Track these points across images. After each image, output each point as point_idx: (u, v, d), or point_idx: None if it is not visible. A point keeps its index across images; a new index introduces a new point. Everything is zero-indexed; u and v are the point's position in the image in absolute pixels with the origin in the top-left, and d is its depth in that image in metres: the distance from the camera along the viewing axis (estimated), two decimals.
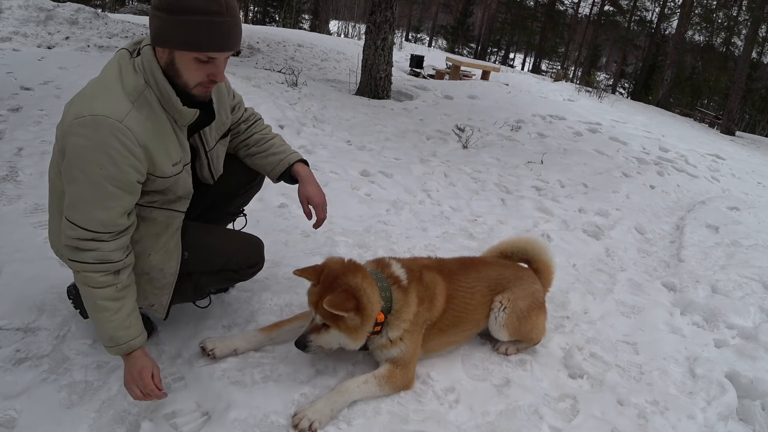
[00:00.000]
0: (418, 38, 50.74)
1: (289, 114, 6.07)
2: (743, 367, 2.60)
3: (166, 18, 1.59)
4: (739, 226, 4.73)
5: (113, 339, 1.74)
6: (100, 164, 1.58)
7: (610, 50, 49.03)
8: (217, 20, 1.60)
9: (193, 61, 1.66)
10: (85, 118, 1.56)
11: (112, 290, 1.71)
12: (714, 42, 28.92)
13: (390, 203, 4.22)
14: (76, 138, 1.58)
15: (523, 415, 2.12)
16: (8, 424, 1.74)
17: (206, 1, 1.58)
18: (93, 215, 1.62)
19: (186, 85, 1.71)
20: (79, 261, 1.67)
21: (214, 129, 2.04)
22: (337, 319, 1.94)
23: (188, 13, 1.57)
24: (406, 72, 16.97)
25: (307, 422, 1.85)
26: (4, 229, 2.88)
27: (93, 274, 1.68)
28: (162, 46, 1.66)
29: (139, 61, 1.69)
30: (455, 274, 2.35)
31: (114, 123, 1.57)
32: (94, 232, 1.64)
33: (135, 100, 1.65)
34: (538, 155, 6.26)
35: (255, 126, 2.31)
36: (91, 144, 1.57)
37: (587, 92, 15.86)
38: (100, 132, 1.56)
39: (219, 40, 1.64)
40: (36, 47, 8.11)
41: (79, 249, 1.66)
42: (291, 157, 2.26)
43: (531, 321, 2.40)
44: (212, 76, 1.71)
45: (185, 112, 1.75)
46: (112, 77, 1.67)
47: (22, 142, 4.14)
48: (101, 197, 1.61)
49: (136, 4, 22.71)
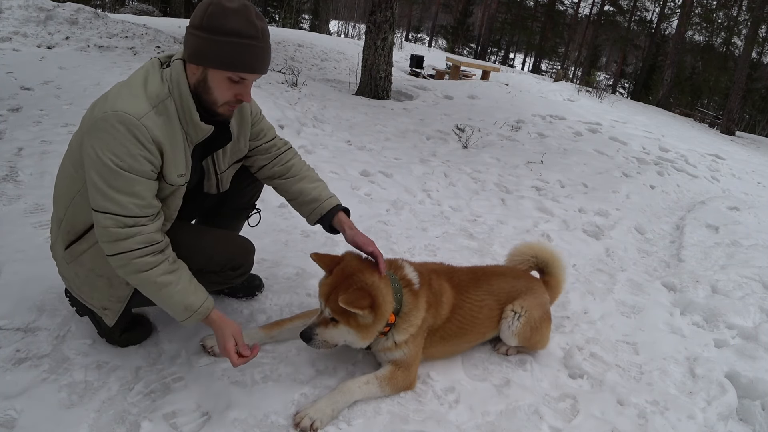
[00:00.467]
0: (418, 38, 50.75)
1: (289, 114, 6.07)
2: (743, 367, 2.60)
3: (205, 37, 1.69)
4: (739, 226, 4.73)
5: (188, 307, 1.80)
6: (118, 156, 1.65)
7: (610, 50, 49.03)
8: (253, 44, 1.70)
9: (226, 80, 1.75)
10: (107, 113, 1.65)
11: (166, 265, 1.77)
12: (714, 42, 28.91)
13: (390, 203, 4.22)
14: (97, 132, 1.66)
15: (523, 415, 2.12)
16: (8, 424, 1.74)
17: (245, 26, 1.68)
18: (125, 201, 1.68)
19: (214, 102, 1.80)
20: (124, 251, 1.70)
21: (228, 154, 2.08)
22: (348, 315, 1.92)
23: (227, 35, 1.67)
24: (406, 72, 16.97)
25: (308, 421, 1.85)
26: (4, 229, 2.88)
27: (142, 259, 1.72)
28: (197, 64, 1.74)
29: (168, 72, 1.78)
30: (465, 285, 2.32)
31: (132, 119, 1.65)
32: (133, 217, 1.70)
33: (155, 105, 1.73)
34: (538, 155, 6.26)
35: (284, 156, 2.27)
36: (110, 137, 1.64)
37: (587, 92, 15.86)
38: (118, 126, 1.64)
39: (252, 63, 1.73)
40: (36, 47, 8.10)
41: (120, 239, 1.69)
42: (329, 201, 2.22)
43: (541, 332, 2.40)
44: (239, 96, 1.80)
45: (202, 127, 1.83)
46: (137, 82, 1.75)
47: (22, 142, 4.14)
48: (126, 184, 1.67)
49: (136, 4, 22.71)
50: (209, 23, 1.67)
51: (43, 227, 2.94)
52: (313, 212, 2.21)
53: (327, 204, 2.21)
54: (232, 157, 2.12)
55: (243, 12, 1.68)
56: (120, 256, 1.71)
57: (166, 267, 1.77)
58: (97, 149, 1.65)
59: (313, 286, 2.79)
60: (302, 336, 2.00)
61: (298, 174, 2.26)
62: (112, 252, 1.72)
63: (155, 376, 2.03)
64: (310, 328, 1.99)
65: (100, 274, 1.89)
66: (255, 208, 2.50)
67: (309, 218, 2.25)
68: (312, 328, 1.99)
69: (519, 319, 2.35)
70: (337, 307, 1.90)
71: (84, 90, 5.82)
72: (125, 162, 1.65)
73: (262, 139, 2.22)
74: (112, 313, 1.98)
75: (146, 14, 18.77)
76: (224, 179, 2.14)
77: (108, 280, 1.89)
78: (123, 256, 1.71)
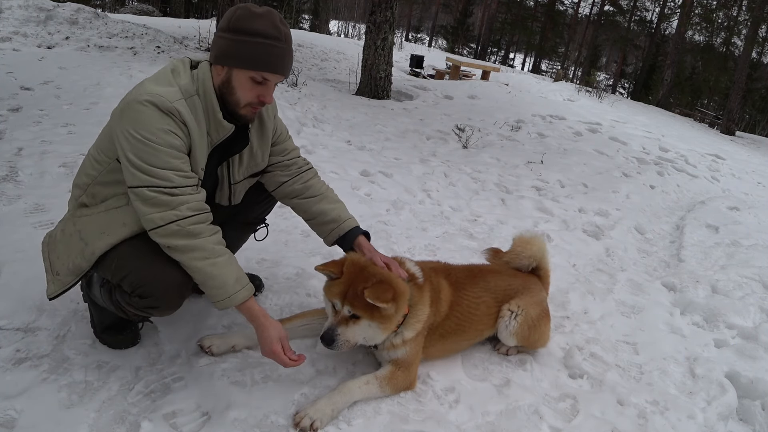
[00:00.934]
0: (418, 38, 50.73)
1: (289, 114, 6.07)
2: (743, 367, 2.60)
3: (231, 38, 1.78)
4: (739, 226, 4.73)
5: (240, 280, 1.83)
6: (153, 132, 1.71)
7: (610, 50, 49.02)
8: (276, 45, 1.80)
9: (249, 80, 1.83)
10: (141, 96, 1.73)
11: (218, 235, 1.84)
12: (714, 42, 28.89)
13: (390, 203, 4.22)
14: (130, 113, 1.73)
15: (523, 415, 2.12)
16: (8, 424, 1.74)
17: (269, 28, 1.78)
18: (166, 174, 1.73)
19: (237, 103, 1.87)
20: (176, 219, 1.73)
21: (245, 165, 2.10)
22: (372, 309, 1.92)
23: (252, 35, 1.76)
24: (406, 72, 16.96)
25: (308, 421, 1.85)
26: (4, 229, 2.88)
27: (195, 225, 1.76)
28: (222, 64, 1.83)
29: (195, 72, 1.88)
30: (462, 283, 2.33)
31: (164, 101, 1.73)
32: (178, 187, 1.75)
33: (188, 98, 1.82)
34: (538, 155, 6.26)
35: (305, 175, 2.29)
36: (144, 116, 1.72)
37: (587, 92, 15.86)
38: (150, 106, 1.72)
39: (275, 63, 1.82)
40: (36, 47, 8.10)
41: (171, 207, 1.73)
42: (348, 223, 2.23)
43: (539, 330, 2.40)
44: (262, 97, 1.87)
45: (224, 125, 1.90)
46: (167, 74, 1.84)
47: (22, 142, 4.14)
48: (164, 159, 1.73)
49: (136, 4, 22.71)
50: (236, 25, 1.77)
51: (43, 227, 2.94)
52: (332, 233, 2.23)
53: (346, 225, 2.22)
54: (248, 170, 2.13)
55: (268, 16, 1.79)
56: (173, 224, 1.73)
57: (219, 237, 1.84)
58: (131, 129, 1.71)
59: (313, 286, 2.79)
60: (324, 340, 1.95)
61: (317, 194, 2.26)
62: (164, 221, 1.73)
63: (155, 376, 2.03)
64: (330, 329, 1.95)
65: (81, 237, 1.89)
66: (263, 223, 2.49)
67: (327, 238, 2.26)
68: (333, 329, 1.95)
69: (516, 318, 2.35)
70: (360, 302, 1.90)
71: (84, 90, 5.82)
72: (160, 138, 1.72)
73: (285, 156, 2.25)
74: (60, 282, 1.92)
75: (146, 14, 18.77)
76: (237, 191, 2.15)
77: (84, 245, 1.87)
78: (176, 224, 1.73)
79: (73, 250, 1.90)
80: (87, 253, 1.86)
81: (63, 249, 1.93)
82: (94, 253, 1.85)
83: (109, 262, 1.85)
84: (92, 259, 1.86)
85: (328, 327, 1.97)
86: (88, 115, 5.06)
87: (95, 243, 1.85)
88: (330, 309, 2.04)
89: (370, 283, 1.92)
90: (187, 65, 1.90)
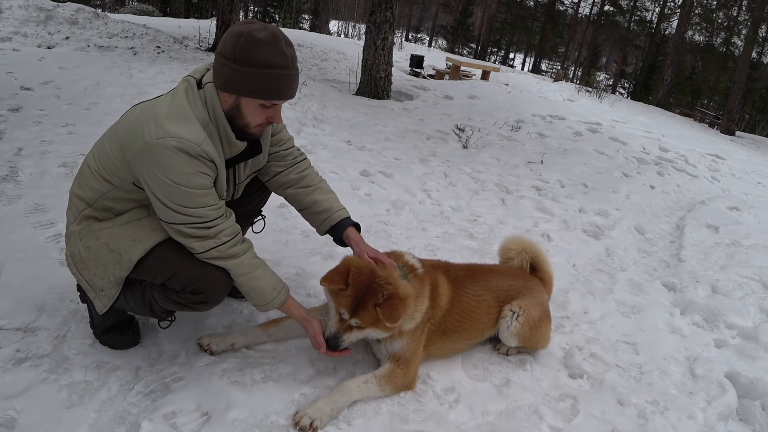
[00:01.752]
0: (418, 38, 50.71)
1: (289, 114, 6.07)
2: (743, 367, 2.60)
3: (236, 68, 1.74)
4: (739, 226, 4.73)
5: (276, 287, 2.00)
6: (185, 178, 1.75)
7: (610, 50, 49.01)
8: (284, 73, 1.78)
9: (258, 106, 1.84)
10: (167, 141, 1.72)
11: (253, 250, 1.98)
12: (714, 42, 28.90)
13: (390, 203, 4.22)
14: (157, 157, 1.73)
15: (523, 415, 2.12)
16: (8, 424, 1.74)
17: (275, 57, 1.75)
18: (200, 212, 1.81)
19: (247, 126, 1.89)
20: (216, 245, 1.85)
21: (250, 165, 2.15)
22: (380, 321, 1.96)
23: (260, 67, 1.74)
24: (406, 72, 16.96)
25: (308, 420, 1.86)
26: (4, 229, 2.88)
27: (234, 247, 1.90)
28: (230, 92, 1.81)
29: (203, 95, 1.85)
30: (462, 280, 2.34)
31: (193, 146, 1.75)
32: (212, 220, 1.84)
33: (205, 128, 1.83)
34: (538, 155, 6.26)
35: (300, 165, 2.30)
36: (174, 162, 1.73)
37: (587, 92, 15.86)
38: (180, 153, 1.73)
39: (284, 90, 1.82)
40: (36, 47, 8.10)
41: (209, 237, 1.84)
42: (339, 213, 2.28)
43: (540, 331, 2.40)
44: (271, 119, 1.90)
45: (237, 145, 1.94)
46: (185, 106, 1.82)
47: (22, 142, 4.14)
48: (196, 200, 1.79)
49: (136, 4, 22.71)
50: (241, 55, 1.73)
51: (43, 227, 2.94)
52: (324, 222, 2.27)
53: (337, 215, 2.26)
54: (252, 168, 2.18)
55: (273, 42, 1.74)
56: (213, 250, 1.86)
57: (253, 252, 1.98)
58: (159, 174, 1.73)
59: (313, 286, 2.79)
60: (329, 346, 2.02)
61: (311, 184, 2.29)
62: (204, 249, 1.85)
63: (155, 376, 2.03)
64: (336, 337, 2.01)
65: (111, 249, 1.91)
66: (260, 215, 2.52)
67: (319, 228, 2.31)
68: (338, 336, 2.01)
69: (517, 319, 2.35)
70: (369, 317, 1.95)
71: (84, 90, 5.82)
72: (192, 181, 1.76)
73: (282, 146, 2.26)
74: (106, 297, 1.97)
75: (146, 14, 18.77)
76: (239, 188, 2.19)
77: (118, 256, 1.90)
78: (216, 249, 1.86)
79: (108, 263, 1.92)
80: (124, 262, 1.90)
81: (96, 265, 1.94)
82: (131, 260, 1.90)
83: (149, 265, 1.90)
84: (130, 266, 1.91)
85: (334, 334, 2.02)
86: (88, 115, 5.06)
87: (130, 251, 1.89)
88: (335, 314, 2.04)
89: (381, 299, 1.94)
90: (194, 88, 1.85)
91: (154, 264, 1.89)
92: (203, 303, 1.95)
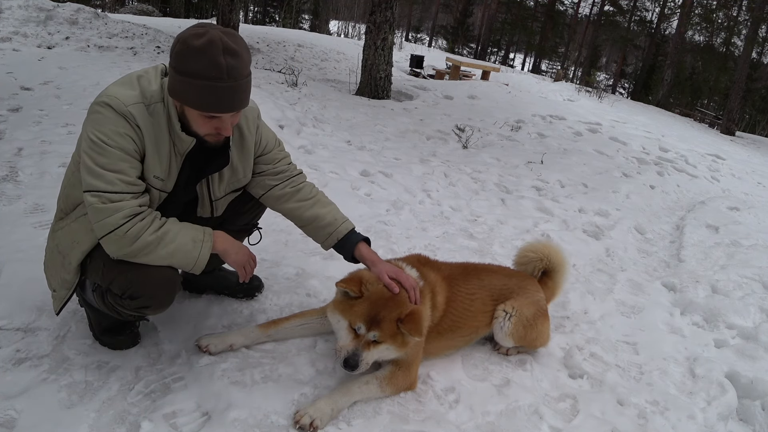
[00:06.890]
0: (418, 38, 50.68)
1: (289, 114, 6.07)
2: (743, 367, 2.60)
3: (176, 76, 1.71)
4: (739, 226, 4.73)
5: (195, 239, 1.84)
6: (105, 134, 1.72)
7: (610, 50, 49.02)
8: (216, 85, 1.67)
9: (200, 116, 1.78)
10: (101, 97, 1.77)
11: (156, 223, 1.80)
12: (714, 42, 28.90)
13: (390, 203, 4.22)
14: (90, 115, 1.77)
15: (523, 415, 2.12)
16: (8, 424, 1.74)
17: (207, 68, 1.65)
18: (111, 177, 1.72)
19: (197, 132, 1.84)
20: (112, 229, 1.72)
21: (225, 182, 2.06)
22: (399, 336, 1.96)
23: (191, 77, 1.67)
24: (406, 72, 16.97)
25: (308, 419, 1.86)
26: (4, 229, 2.88)
27: (130, 230, 1.73)
28: (174, 98, 1.79)
29: (165, 82, 1.82)
30: (455, 278, 2.34)
31: (119, 103, 1.74)
32: (118, 192, 1.73)
33: (148, 104, 1.79)
34: (538, 155, 6.26)
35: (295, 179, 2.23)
36: (100, 117, 1.74)
37: (587, 92, 15.86)
38: (107, 108, 1.74)
39: (217, 103, 1.73)
40: (36, 47, 8.10)
41: (106, 216, 1.71)
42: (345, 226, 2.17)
43: (536, 329, 2.40)
44: (218, 129, 1.81)
45: (183, 138, 1.85)
46: (133, 76, 1.84)
47: (22, 142, 4.14)
48: (113, 161, 1.73)
49: (136, 4, 22.70)
50: (176, 63, 1.69)
51: (43, 227, 2.94)
52: (329, 237, 2.16)
53: (342, 228, 2.16)
54: (229, 186, 2.10)
55: (208, 51, 1.63)
56: (110, 235, 1.73)
57: (157, 224, 1.80)
58: (87, 131, 1.75)
59: (312, 286, 2.79)
60: (348, 366, 1.93)
61: (309, 197, 2.20)
62: (102, 232, 1.74)
63: (155, 376, 2.03)
64: (356, 355, 1.93)
65: (59, 251, 1.93)
66: (256, 228, 2.43)
67: (324, 243, 2.19)
68: (357, 354, 1.93)
69: (510, 319, 2.36)
70: (390, 330, 1.94)
71: (84, 90, 5.82)
72: (112, 139, 1.72)
73: (275, 165, 2.19)
74: (58, 298, 1.98)
75: (146, 14, 18.77)
76: (218, 206, 2.12)
77: (62, 258, 1.91)
78: (112, 234, 1.72)
79: (56, 265, 1.95)
80: (66, 265, 1.91)
81: (50, 265, 2.00)
82: (71, 264, 1.89)
83: (95, 268, 1.88)
84: (71, 270, 1.91)
85: (353, 352, 1.93)
86: None
87: (70, 254, 1.89)
88: (347, 329, 1.98)
89: (404, 314, 1.95)
90: (158, 72, 1.87)
91: (99, 267, 1.85)
92: (144, 308, 1.85)
